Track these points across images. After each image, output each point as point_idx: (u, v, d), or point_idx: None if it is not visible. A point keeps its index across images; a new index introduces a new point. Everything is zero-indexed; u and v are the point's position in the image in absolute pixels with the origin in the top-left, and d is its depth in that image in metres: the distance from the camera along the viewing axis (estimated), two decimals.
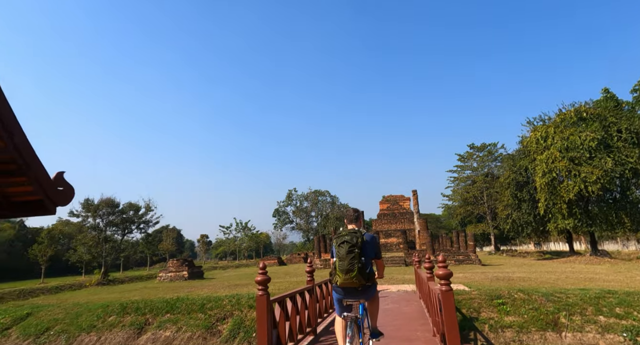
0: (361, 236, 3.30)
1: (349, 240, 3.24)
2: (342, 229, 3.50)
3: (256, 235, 73.87)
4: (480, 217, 56.88)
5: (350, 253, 3.19)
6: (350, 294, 3.35)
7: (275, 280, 18.66)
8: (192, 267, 23.58)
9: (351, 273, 3.15)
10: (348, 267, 3.16)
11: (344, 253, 3.21)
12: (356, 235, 3.29)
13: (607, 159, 23.98)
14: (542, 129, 27.92)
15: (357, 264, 3.17)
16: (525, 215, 28.16)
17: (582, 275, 15.31)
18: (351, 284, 3.21)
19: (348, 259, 3.18)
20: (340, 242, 3.29)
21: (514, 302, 10.10)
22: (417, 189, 37.80)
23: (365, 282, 3.24)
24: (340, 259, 3.23)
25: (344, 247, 3.23)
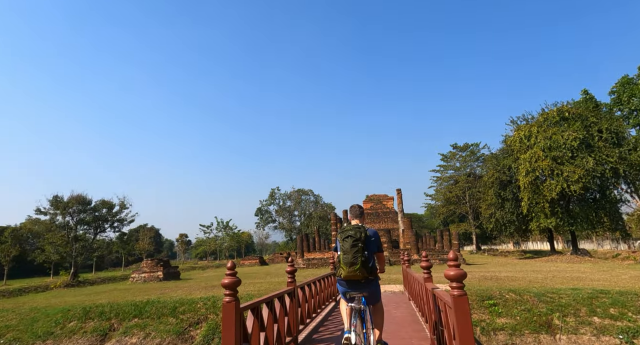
0: (364, 231, 3.43)
1: (353, 235, 3.38)
2: (346, 225, 3.59)
3: (238, 234, 72.40)
4: (462, 216, 57.36)
5: (354, 247, 3.31)
6: (353, 287, 3.49)
7: (255, 280, 17.80)
8: (168, 267, 22.39)
9: (355, 266, 3.29)
10: (352, 260, 3.30)
11: (348, 247, 3.32)
12: (360, 230, 3.42)
13: (589, 159, 24.17)
14: (525, 128, 28.01)
15: (361, 257, 3.30)
16: (509, 214, 28.20)
17: (568, 274, 15.11)
18: (354, 276, 3.35)
19: (352, 253, 3.30)
20: (344, 237, 3.41)
21: (506, 303, 9.64)
22: (401, 188, 37.44)
23: (368, 275, 3.38)
24: (344, 253, 3.34)
25: (348, 242, 3.35)
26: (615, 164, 24.06)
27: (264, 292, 12.26)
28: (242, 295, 11.81)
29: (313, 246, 35.09)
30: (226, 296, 3.15)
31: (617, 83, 35.29)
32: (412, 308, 7.58)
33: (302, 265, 26.87)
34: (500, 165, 28.83)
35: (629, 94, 33.32)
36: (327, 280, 8.63)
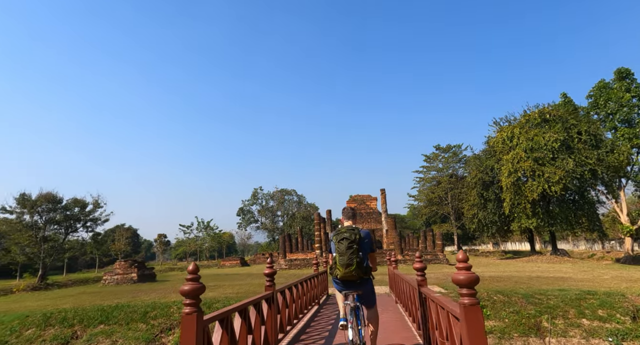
0: (358, 233, 3.51)
1: (348, 237, 3.46)
2: (340, 227, 3.69)
3: (219, 234, 70.89)
4: (444, 217, 57.86)
5: (350, 248, 3.40)
6: (349, 286, 3.63)
7: (235, 282, 17.08)
8: (143, 268, 21.34)
9: (351, 267, 3.41)
10: (348, 261, 3.40)
11: (344, 249, 3.41)
12: (354, 232, 3.50)
13: (569, 160, 24.53)
14: (508, 129, 28.26)
15: (356, 258, 3.41)
16: (491, 215, 28.37)
17: (552, 274, 15.07)
18: (350, 277, 3.47)
19: (348, 254, 3.39)
20: (340, 239, 3.48)
21: (494, 305, 9.35)
22: (385, 188, 37.29)
23: (363, 275, 3.52)
24: (340, 254, 3.44)
25: (343, 244, 3.43)
26: (594, 165, 24.50)
27: (243, 295, 11.62)
28: (220, 298, 11.14)
29: (296, 247, 34.50)
30: (186, 306, 2.57)
31: (594, 87, 36.16)
32: (399, 312, 7.14)
33: (284, 266, 26.24)
34: (483, 166, 29.00)
35: (605, 98, 34.16)
36: (310, 282, 8.10)
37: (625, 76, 34.71)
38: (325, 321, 6.71)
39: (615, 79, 35.12)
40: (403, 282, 6.26)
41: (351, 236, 3.45)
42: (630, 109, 32.91)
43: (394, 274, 8.38)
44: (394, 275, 8.42)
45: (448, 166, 58.30)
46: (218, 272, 27.81)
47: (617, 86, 34.48)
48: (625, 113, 32.80)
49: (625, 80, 34.51)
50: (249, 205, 77.58)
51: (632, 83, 34.18)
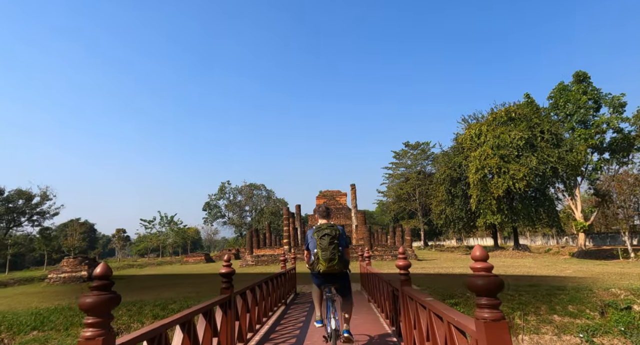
0: (337, 229, 3.73)
1: (329, 233, 3.68)
2: (319, 223, 3.86)
3: (183, 230, 68.26)
4: (412, 213, 58.85)
5: (332, 244, 3.65)
6: (329, 280, 3.84)
7: (197, 280, 16.01)
8: (95, 265, 19.64)
9: (333, 261, 3.62)
10: (330, 256, 3.61)
11: (327, 244, 3.63)
12: (334, 228, 3.73)
13: (532, 158, 25.27)
14: (475, 126, 28.75)
15: (338, 253, 3.66)
16: (458, 211, 28.83)
17: (518, 269, 15.24)
18: (333, 270, 3.68)
19: (330, 249, 3.63)
20: (322, 235, 3.67)
21: (467, 302, 9.07)
22: (355, 184, 37.05)
23: (343, 268, 3.77)
24: (323, 250, 3.64)
25: (326, 239, 3.64)
26: (555, 163, 25.40)
27: (204, 295, 10.68)
28: (177, 298, 10.15)
29: (264, 242, 33.53)
30: (87, 327, 1.78)
31: (555, 89, 37.82)
32: (374, 312, 6.58)
33: (250, 262, 25.28)
34: (452, 162, 29.38)
35: (564, 100, 35.75)
36: (276, 280, 7.38)
37: (582, 79, 36.53)
38: (293, 324, 6.02)
39: (573, 81, 36.88)
40: (380, 282, 5.66)
41: (332, 232, 3.69)
42: (586, 111, 34.66)
43: (367, 271, 7.82)
44: (367, 272, 7.86)
45: (416, 163, 59.26)
46: (180, 270, 26.39)
47: (575, 88, 36.23)
48: (582, 115, 34.51)
49: (582, 83, 36.34)
50: (216, 199, 75.31)
51: (589, 86, 36.06)
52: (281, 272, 7.79)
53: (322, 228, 3.72)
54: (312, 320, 5.33)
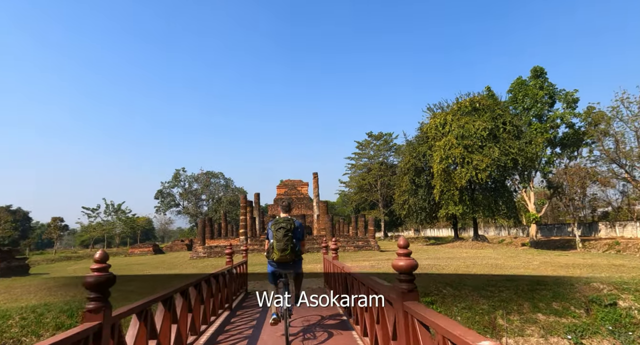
0: (293, 223, 4.34)
1: (284, 226, 4.26)
2: (278, 217, 4.43)
3: (132, 219, 63.55)
4: (373, 204, 58.83)
5: (285, 236, 4.23)
6: (283, 267, 4.38)
7: (147, 270, 13.81)
8: (9, 259, 16.63)
9: (286, 251, 4.23)
10: (283, 246, 4.21)
11: (281, 236, 4.22)
12: (290, 222, 4.32)
13: (495, 149, 25.26)
14: (441, 116, 28.36)
15: (290, 244, 4.24)
16: (421, 201, 28.46)
17: (485, 261, 14.67)
18: (285, 259, 4.27)
19: (284, 241, 4.21)
20: (278, 228, 4.27)
21: (444, 300, 7.98)
22: (317, 172, 35.59)
23: (295, 257, 4.37)
24: (277, 241, 4.22)
25: (280, 232, 4.23)
26: (516, 155, 25.58)
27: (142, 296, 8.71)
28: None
29: (218, 232, 31.34)
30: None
31: (513, 83, 38.64)
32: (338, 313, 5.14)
33: (202, 253, 23.17)
34: (416, 151, 28.87)
35: (523, 94, 36.57)
36: (219, 279, 5.72)
37: (539, 74, 37.56)
38: (236, 338, 4.43)
39: (531, 76, 37.84)
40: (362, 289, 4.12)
41: (287, 225, 4.28)
42: (542, 105, 35.69)
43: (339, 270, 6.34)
44: (338, 271, 6.38)
45: (379, 154, 59.13)
46: (118, 263, 23.66)
47: (532, 83, 37.20)
48: (539, 109, 35.48)
49: (539, 78, 37.39)
50: (170, 187, 70.90)
51: (545, 81, 37.18)
52: (224, 270, 6.13)
53: (279, 221, 4.28)
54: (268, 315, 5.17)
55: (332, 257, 6.76)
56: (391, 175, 56.07)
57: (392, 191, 55.08)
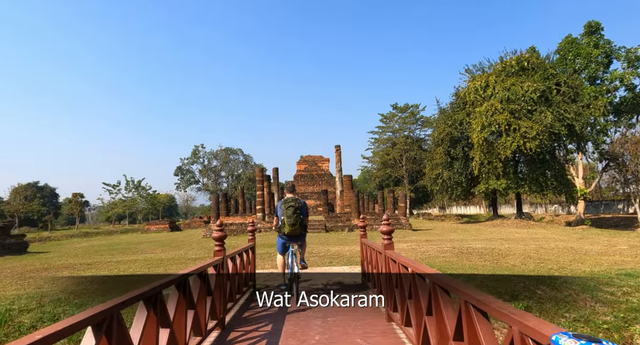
0: (299, 202, 5.19)
1: (293, 205, 5.08)
2: (286, 197, 5.24)
3: (153, 195, 63.33)
4: (397, 180, 55.86)
5: (295, 213, 5.05)
6: (292, 239, 5.18)
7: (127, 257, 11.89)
8: (4, 236, 15.16)
9: (295, 226, 5.05)
10: (294, 222, 5.03)
11: (291, 213, 5.04)
12: (297, 201, 5.17)
13: (547, 113, 21.74)
14: (482, 78, 24.79)
15: (299, 220, 5.09)
16: (457, 175, 25.43)
17: (553, 244, 11.87)
18: (295, 232, 5.11)
19: (294, 217, 5.04)
20: (287, 206, 5.06)
21: (542, 306, 5.44)
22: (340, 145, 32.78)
23: (303, 231, 5.25)
24: (288, 217, 5.03)
25: (290, 210, 5.04)
26: (572, 120, 21.97)
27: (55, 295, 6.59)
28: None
29: (235, 209, 29.58)
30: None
31: (562, 42, 33.93)
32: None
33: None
34: (452, 119, 25.57)
35: (574, 54, 32.02)
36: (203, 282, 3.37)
37: (594, 31, 32.75)
38: None
39: (584, 33, 33.08)
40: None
41: (295, 204, 5.09)
42: (597, 66, 31.20)
43: (387, 263, 3.85)
44: (386, 264, 3.89)
45: (404, 127, 55.54)
46: (131, 239, 22.21)
47: (585, 41, 32.52)
48: (593, 70, 31.03)
49: (593, 35, 32.63)
50: (189, 164, 70.14)
51: (600, 39, 32.37)
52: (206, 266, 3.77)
53: (288, 201, 5.13)
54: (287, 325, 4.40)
55: (385, 245, 4.26)
56: (418, 150, 52.73)
57: (418, 166, 51.91)
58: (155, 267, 8.64)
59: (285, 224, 5.00)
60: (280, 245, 5.23)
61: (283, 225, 5.03)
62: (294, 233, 5.06)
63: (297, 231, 5.06)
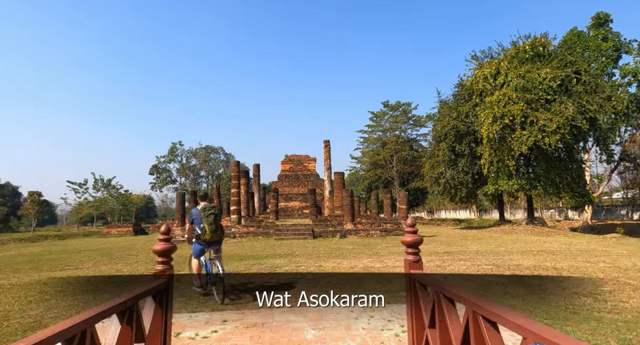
0: (218, 209, 5.52)
1: (214, 212, 5.33)
2: (203, 205, 5.43)
3: (124, 195, 58.47)
4: (387, 181, 52.96)
5: (216, 220, 5.30)
6: (212, 244, 5.36)
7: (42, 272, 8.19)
8: None
9: (217, 231, 5.29)
10: (215, 228, 5.24)
11: (212, 220, 5.23)
12: (215, 208, 5.46)
13: (568, 104, 19.00)
14: (492, 64, 21.95)
15: (219, 225, 5.35)
16: (462, 174, 22.46)
17: (627, 261, 8.79)
18: (215, 237, 5.32)
19: (215, 223, 5.26)
20: (208, 213, 5.24)
21: None
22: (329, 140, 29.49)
23: (222, 236, 5.52)
24: (209, 224, 5.20)
25: (211, 217, 5.23)
26: (595, 113, 19.31)
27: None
28: None
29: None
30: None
31: (567, 35, 31.72)
32: None
33: (181, 237, 17.67)
34: (457, 111, 22.63)
35: (582, 47, 29.76)
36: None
37: (603, 23, 30.64)
38: None
39: (591, 25, 30.96)
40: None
41: (215, 211, 5.36)
42: (607, 60, 29.04)
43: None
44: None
45: (395, 126, 52.73)
46: (78, 245, 18.22)
47: (593, 34, 30.38)
48: (603, 64, 28.83)
49: (601, 28, 30.54)
50: (166, 162, 65.51)
51: (609, 31, 30.28)
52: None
53: (208, 208, 5.29)
54: None
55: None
56: (409, 150, 50.10)
57: (410, 167, 49.18)
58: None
59: (207, 231, 5.22)
60: (198, 251, 5.42)
61: (204, 232, 5.24)
62: (215, 238, 5.33)
63: (218, 236, 5.37)
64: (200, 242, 5.29)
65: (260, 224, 18.85)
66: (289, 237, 16.77)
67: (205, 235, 5.18)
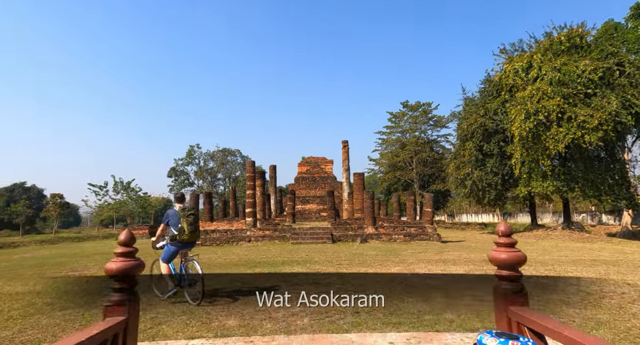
0: (196, 210, 6.58)
1: (193, 213, 5.33)
2: (182, 206, 5.40)
3: (144, 198, 58.97)
4: (407, 184, 51.36)
5: (195, 220, 5.30)
6: (188, 245, 5.33)
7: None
8: None
9: (196, 232, 5.29)
10: (194, 229, 5.23)
11: (192, 221, 5.22)
12: (194, 210, 5.45)
13: (612, 98, 17.36)
14: (523, 57, 20.48)
15: (198, 226, 5.37)
16: (490, 175, 20.99)
17: None
18: (193, 238, 5.29)
19: (195, 225, 5.26)
20: (188, 214, 5.24)
21: None
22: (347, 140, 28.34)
23: (199, 236, 5.69)
24: (189, 225, 5.18)
25: (190, 218, 5.22)
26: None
27: None
28: None
29: (224, 212, 25.22)
30: None
31: (601, 28, 29.70)
32: None
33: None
34: (484, 108, 21.22)
35: (620, 40, 27.72)
36: None
37: None
38: None
39: (629, 16, 28.88)
40: None
41: (194, 212, 5.36)
42: None
43: None
44: None
45: (415, 127, 51.12)
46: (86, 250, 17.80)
47: (632, 25, 28.27)
48: None
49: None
50: (184, 165, 65.88)
51: None
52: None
53: (187, 209, 5.29)
54: None
55: None
56: (430, 151, 48.44)
57: (430, 169, 47.52)
58: None
59: (186, 231, 5.16)
60: (171, 254, 5.25)
61: (183, 232, 5.16)
62: (192, 239, 5.27)
63: (195, 237, 5.32)
64: (175, 244, 5.22)
65: (276, 227, 17.98)
66: (306, 241, 15.81)
67: (183, 236, 5.15)
